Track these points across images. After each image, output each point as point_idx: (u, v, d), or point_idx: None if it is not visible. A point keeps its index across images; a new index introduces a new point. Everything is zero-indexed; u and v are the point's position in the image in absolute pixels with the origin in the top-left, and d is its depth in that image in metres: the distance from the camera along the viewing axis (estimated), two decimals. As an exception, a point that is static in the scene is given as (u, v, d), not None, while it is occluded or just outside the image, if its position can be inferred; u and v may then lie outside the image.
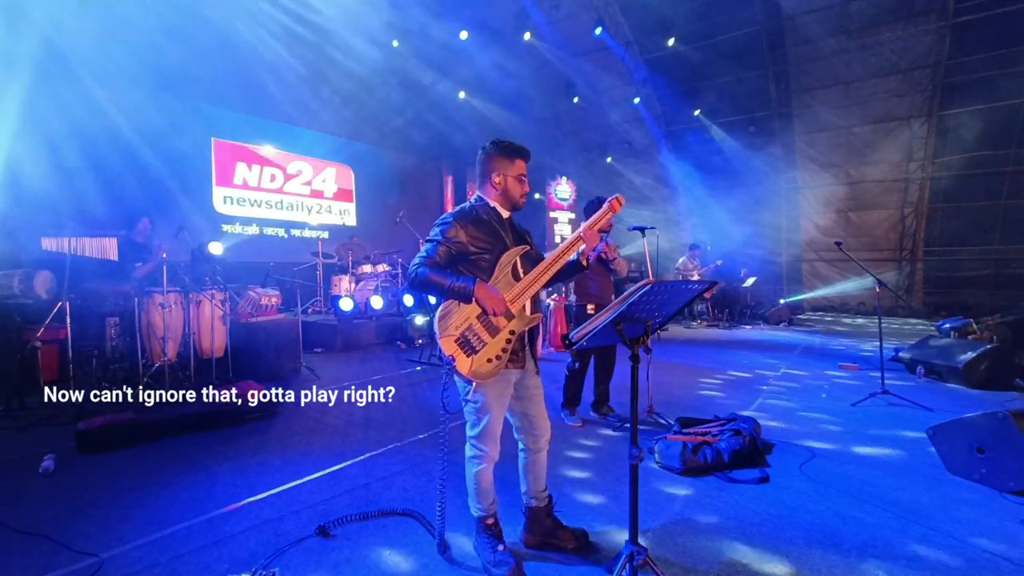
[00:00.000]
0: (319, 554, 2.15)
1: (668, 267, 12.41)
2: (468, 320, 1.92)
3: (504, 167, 2.06)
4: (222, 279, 5.25)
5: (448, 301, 1.95)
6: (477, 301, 1.88)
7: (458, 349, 1.90)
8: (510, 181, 2.06)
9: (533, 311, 2.05)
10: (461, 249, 1.98)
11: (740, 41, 10.96)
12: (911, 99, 10.47)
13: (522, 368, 2.07)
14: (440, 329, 1.93)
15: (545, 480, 2.24)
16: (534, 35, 10.83)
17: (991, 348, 5.04)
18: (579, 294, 4.04)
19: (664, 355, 6.78)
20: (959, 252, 10.65)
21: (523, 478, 2.23)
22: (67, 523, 2.42)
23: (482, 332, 1.92)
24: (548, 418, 2.21)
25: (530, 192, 2.19)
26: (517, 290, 1.96)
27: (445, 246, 1.96)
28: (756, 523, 2.42)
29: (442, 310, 1.95)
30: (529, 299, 2.01)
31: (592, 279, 3.98)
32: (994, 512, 2.52)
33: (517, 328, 1.97)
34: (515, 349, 1.99)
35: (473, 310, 1.93)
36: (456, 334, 1.91)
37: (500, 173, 2.06)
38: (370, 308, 7.83)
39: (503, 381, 2.02)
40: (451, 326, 1.92)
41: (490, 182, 2.07)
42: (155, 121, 7.41)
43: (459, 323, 1.92)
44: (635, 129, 13.88)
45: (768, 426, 3.77)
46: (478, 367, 1.91)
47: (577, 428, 3.86)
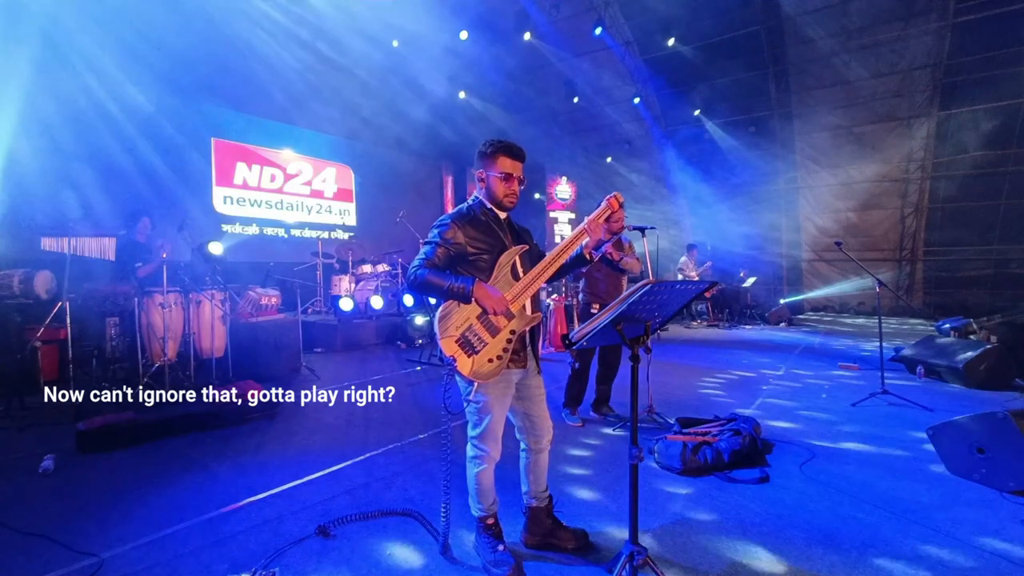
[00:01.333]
0: (319, 554, 2.15)
1: (668, 267, 12.43)
2: (468, 320, 1.92)
3: (487, 166, 2.03)
4: (222, 279, 5.25)
5: (448, 302, 1.93)
6: (477, 301, 1.88)
7: (459, 350, 1.90)
8: (492, 180, 2.02)
9: (533, 310, 2.05)
10: (459, 250, 1.97)
11: (740, 41, 10.96)
12: (911, 99, 10.47)
13: (524, 368, 2.07)
14: (440, 330, 1.92)
15: (546, 480, 2.25)
16: (534, 35, 10.82)
17: (991, 348, 5.04)
18: (587, 292, 4.04)
19: (664, 355, 6.78)
20: (959, 252, 10.65)
21: (524, 478, 2.23)
22: (67, 523, 2.42)
23: (482, 332, 1.92)
24: (550, 418, 2.21)
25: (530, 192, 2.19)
26: (517, 289, 1.96)
27: (443, 247, 1.96)
28: (756, 523, 2.42)
29: (442, 311, 1.94)
30: (529, 298, 2.00)
31: (601, 279, 3.98)
32: (994, 512, 2.52)
33: (517, 328, 1.96)
34: (516, 349, 1.99)
35: (473, 310, 1.92)
36: (456, 335, 1.90)
37: (484, 172, 2.04)
38: (370, 308, 7.83)
39: (505, 381, 2.01)
40: (451, 326, 1.91)
41: (482, 182, 2.06)
42: (155, 121, 7.41)
43: (459, 323, 1.92)
44: (635, 129, 13.89)
45: (768, 426, 3.77)
46: (479, 367, 1.90)
47: (577, 428, 3.86)
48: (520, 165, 2.04)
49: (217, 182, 8.66)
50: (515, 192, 2.04)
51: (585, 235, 2.00)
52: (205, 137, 8.47)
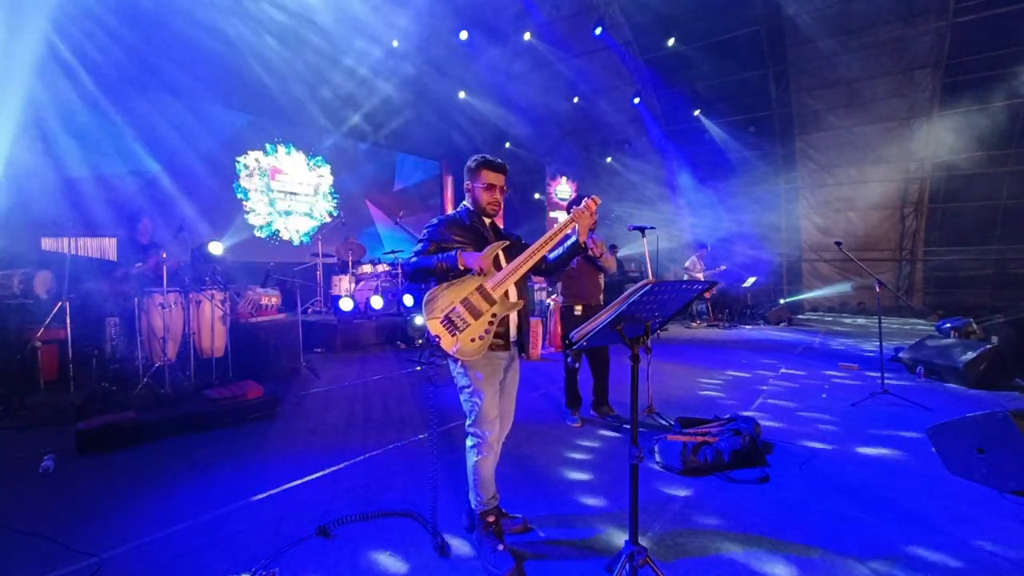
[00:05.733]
0: (319, 554, 2.16)
1: (668, 267, 12.42)
2: (452, 303, 2.06)
3: (473, 178, 2.26)
4: (222, 279, 5.25)
5: (434, 288, 2.10)
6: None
7: (443, 329, 2.04)
8: (477, 190, 2.25)
9: (518, 297, 2.19)
10: (447, 245, 2.17)
11: (740, 41, 10.95)
12: (911, 99, 10.47)
13: (508, 352, 2.21)
14: (427, 312, 2.07)
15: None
16: (534, 35, 10.81)
17: (991, 348, 5.04)
18: (566, 295, 4.05)
19: (664, 355, 6.78)
20: (959, 252, 10.64)
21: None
22: (67, 523, 2.42)
23: (465, 314, 2.06)
24: (513, 417, 2.34)
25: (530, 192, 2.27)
26: (499, 277, 2.11)
27: (433, 243, 2.18)
28: (756, 523, 2.42)
29: (429, 295, 2.09)
30: (513, 286, 2.15)
31: (580, 280, 3.99)
32: (994, 512, 2.52)
33: (499, 312, 2.10)
34: (499, 332, 2.13)
35: (457, 295, 2.06)
36: (440, 316, 2.04)
37: (470, 183, 2.27)
38: (370, 308, 7.83)
39: (493, 364, 2.16)
40: (436, 308, 2.06)
41: (468, 191, 2.29)
42: (155, 121, 7.41)
43: (444, 306, 2.06)
44: (635, 129, 13.87)
45: (768, 426, 3.77)
46: (463, 345, 2.03)
47: (577, 428, 3.86)
48: (502, 176, 2.26)
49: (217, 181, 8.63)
50: (497, 201, 2.26)
51: (568, 227, 2.17)
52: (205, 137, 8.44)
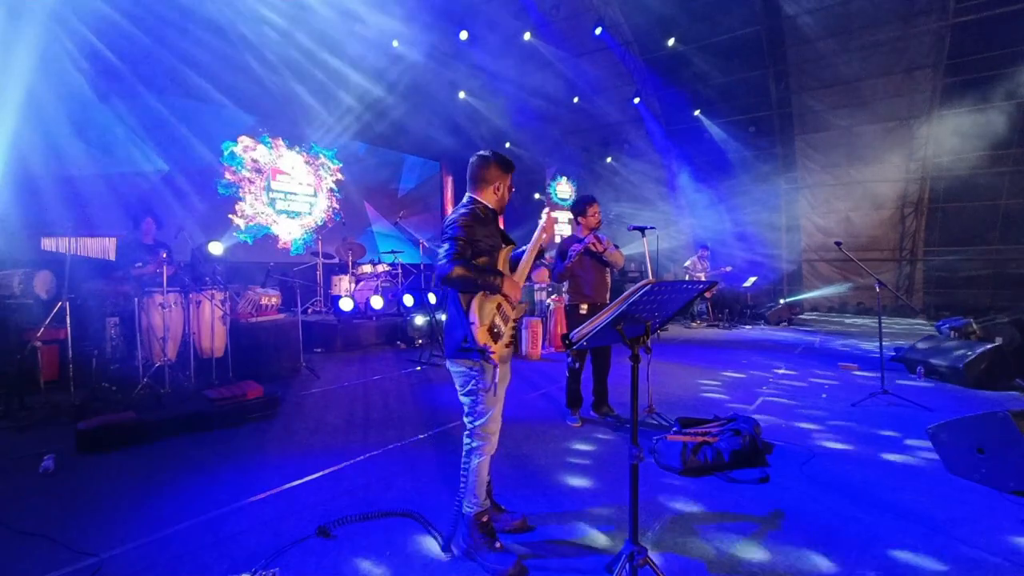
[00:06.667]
0: (319, 554, 2.16)
1: (668, 267, 12.41)
2: (492, 312, 2.11)
3: (504, 179, 2.30)
4: (222, 279, 5.25)
5: (477, 295, 2.08)
6: (502, 291, 2.10)
7: (489, 337, 2.07)
8: (504, 191, 2.32)
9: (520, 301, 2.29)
10: (475, 246, 2.13)
11: (740, 41, 10.94)
12: (911, 99, 10.47)
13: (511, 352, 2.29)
14: (478, 320, 2.06)
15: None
16: (534, 35, 10.81)
17: (991, 348, 5.04)
18: (572, 293, 4.03)
19: (664, 355, 6.78)
20: (959, 252, 10.63)
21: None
22: (67, 523, 2.42)
23: (500, 321, 2.12)
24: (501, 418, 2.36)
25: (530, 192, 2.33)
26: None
27: (467, 242, 2.11)
28: (756, 523, 2.42)
29: (476, 302, 2.07)
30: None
31: (585, 279, 3.96)
32: (994, 512, 2.52)
33: (516, 317, 2.22)
34: (512, 335, 2.25)
35: (494, 302, 2.12)
36: (488, 323, 2.07)
37: (500, 183, 2.29)
38: (370, 308, 7.83)
39: (507, 365, 2.28)
40: (485, 316, 2.07)
41: (491, 188, 2.28)
42: (155, 121, 7.41)
43: (489, 314, 2.09)
44: (635, 129, 13.88)
45: (768, 426, 3.77)
46: (501, 352, 2.11)
47: (577, 428, 3.86)
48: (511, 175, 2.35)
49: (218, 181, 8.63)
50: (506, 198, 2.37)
51: (544, 233, 2.31)
52: (205, 136, 8.44)
